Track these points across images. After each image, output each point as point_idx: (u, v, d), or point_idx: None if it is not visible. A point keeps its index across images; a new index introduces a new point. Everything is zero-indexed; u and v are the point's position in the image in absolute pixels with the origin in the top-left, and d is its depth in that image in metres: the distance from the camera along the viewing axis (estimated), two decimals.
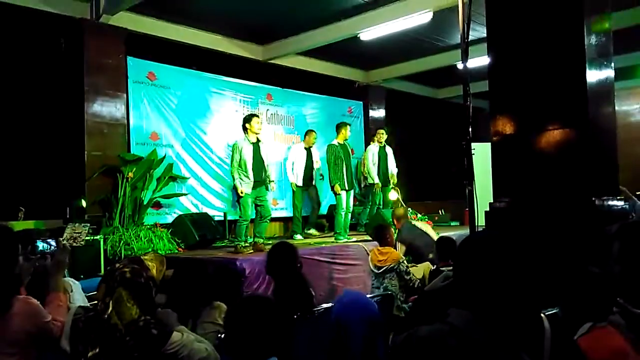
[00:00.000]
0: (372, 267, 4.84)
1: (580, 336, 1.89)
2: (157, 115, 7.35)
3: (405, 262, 4.81)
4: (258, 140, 6.20)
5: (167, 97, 7.50)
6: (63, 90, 6.64)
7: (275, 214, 7.99)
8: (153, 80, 7.34)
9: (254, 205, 6.14)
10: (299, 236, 7.52)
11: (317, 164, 8.02)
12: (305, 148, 7.96)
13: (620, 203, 3.51)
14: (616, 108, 3.75)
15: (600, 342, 1.85)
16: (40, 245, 2.43)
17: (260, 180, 6.13)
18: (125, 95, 6.91)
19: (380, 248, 4.91)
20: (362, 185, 8.60)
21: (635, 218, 3.77)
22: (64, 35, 6.67)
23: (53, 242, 2.43)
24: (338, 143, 7.23)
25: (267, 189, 6.24)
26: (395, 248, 5.11)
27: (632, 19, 7.17)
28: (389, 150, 8.36)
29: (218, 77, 8.20)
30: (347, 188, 7.08)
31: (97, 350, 2.07)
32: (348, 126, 7.42)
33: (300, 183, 7.79)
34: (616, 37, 3.79)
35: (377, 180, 7.97)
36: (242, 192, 5.95)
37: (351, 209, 7.30)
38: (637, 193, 5.47)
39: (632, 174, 6.95)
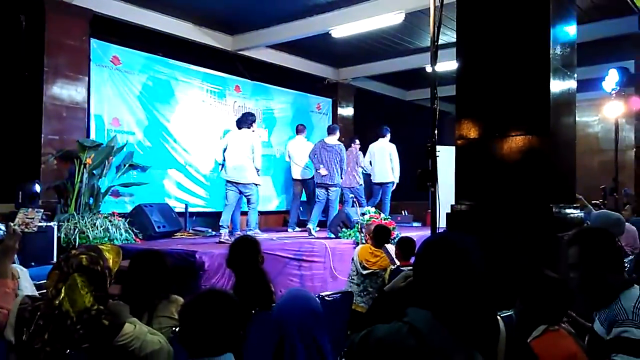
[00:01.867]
0: (357, 262, 4.79)
1: (534, 338, 1.93)
2: (120, 100, 7.15)
3: (387, 273, 4.77)
4: None
5: (131, 82, 7.30)
6: (21, 70, 6.37)
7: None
8: (117, 65, 7.14)
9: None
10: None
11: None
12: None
13: (577, 211, 3.62)
14: (577, 119, 3.86)
15: (553, 345, 1.89)
16: None
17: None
18: (87, 78, 6.69)
19: (372, 248, 4.85)
20: None
21: (590, 225, 3.89)
22: (25, 13, 6.40)
23: (2, 226, 2.32)
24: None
25: None
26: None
27: (596, 32, 7.41)
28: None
29: (185, 65, 8.04)
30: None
31: (45, 338, 1.99)
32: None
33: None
34: (579, 49, 3.89)
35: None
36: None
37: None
38: (592, 202, 5.67)
39: (587, 184, 7.19)
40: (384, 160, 8.54)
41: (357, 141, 8.70)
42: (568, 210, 3.44)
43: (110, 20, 6.89)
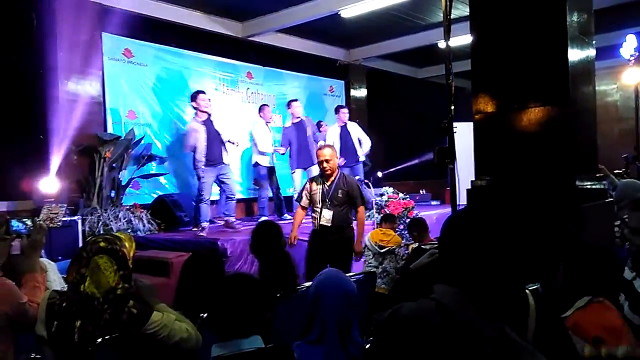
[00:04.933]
0: (371, 246, 4.85)
1: (577, 309, 1.90)
2: (134, 93, 7.19)
3: (404, 249, 4.89)
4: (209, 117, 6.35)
5: (144, 74, 7.33)
6: (36, 67, 6.43)
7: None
8: (129, 58, 7.17)
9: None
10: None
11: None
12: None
13: (600, 181, 3.56)
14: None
15: (595, 317, 1.85)
16: (15, 225, 2.36)
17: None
18: (100, 72, 6.73)
19: (382, 229, 4.97)
20: None
21: (613, 196, 3.82)
22: (35, 11, 6.44)
23: (29, 222, 2.37)
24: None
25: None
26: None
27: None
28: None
29: (197, 55, 8.04)
30: None
31: (76, 325, 2.03)
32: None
33: None
34: (596, 15, 3.79)
35: None
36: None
37: None
38: (614, 171, 5.57)
39: (608, 153, 7.06)
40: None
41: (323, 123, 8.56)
42: (591, 181, 3.38)
43: (119, 13, 6.90)
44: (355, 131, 7.81)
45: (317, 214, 4.44)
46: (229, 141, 6.37)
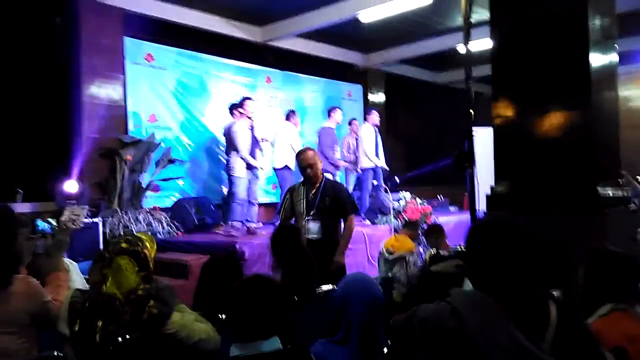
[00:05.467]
0: (382, 251, 4.82)
1: (600, 317, 1.86)
2: (155, 97, 7.28)
3: (415, 254, 4.82)
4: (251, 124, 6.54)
5: (165, 78, 7.43)
6: (59, 71, 6.56)
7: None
8: (151, 62, 7.26)
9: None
10: None
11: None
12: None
13: (622, 188, 3.50)
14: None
15: (617, 325, 1.81)
16: (41, 225, 2.42)
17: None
18: (122, 76, 6.83)
19: (397, 235, 4.93)
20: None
21: (637, 203, 3.75)
22: (59, 14, 6.57)
23: (53, 222, 2.42)
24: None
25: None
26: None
27: (635, 2, 7.10)
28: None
29: (216, 59, 8.12)
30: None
31: (98, 324, 2.07)
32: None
33: None
34: (621, 19, 3.75)
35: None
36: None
37: None
38: (638, 177, 5.46)
39: (632, 159, 6.93)
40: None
41: (356, 122, 8.48)
42: (613, 187, 3.33)
43: (141, 17, 7.01)
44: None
45: (302, 228, 3.77)
46: (262, 140, 6.66)
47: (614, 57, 3.58)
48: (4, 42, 6.16)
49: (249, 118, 6.51)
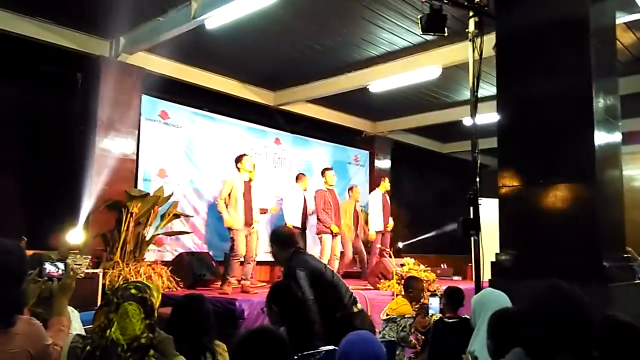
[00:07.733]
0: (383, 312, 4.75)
1: None
2: (167, 153, 7.44)
3: (410, 320, 4.68)
4: (250, 180, 6.60)
5: (178, 136, 7.61)
6: (75, 123, 6.76)
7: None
8: (165, 119, 7.48)
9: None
10: None
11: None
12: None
13: (628, 262, 3.50)
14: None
15: None
16: (48, 267, 2.42)
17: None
18: (137, 131, 7.01)
19: (397, 299, 4.85)
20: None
21: None
22: (82, 70, 6.85)
23: (61, 265, 2.43)
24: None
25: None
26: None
27: (637, 84, 7.36)
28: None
29: (228, 120, 8.35)
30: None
31: None
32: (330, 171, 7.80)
33: None
34: (624, 100, 3.89)
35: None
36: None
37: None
38: None
39: (635, 239, 6.91)
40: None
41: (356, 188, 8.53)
42: (618, 261, 3.33)
43: (159, 77, 7.28)
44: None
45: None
46: (260, 209, 6.71)
47: (617, 135, 3.69)
48: (25, 92, 6.40)
49: (247, 173, 6.62)
